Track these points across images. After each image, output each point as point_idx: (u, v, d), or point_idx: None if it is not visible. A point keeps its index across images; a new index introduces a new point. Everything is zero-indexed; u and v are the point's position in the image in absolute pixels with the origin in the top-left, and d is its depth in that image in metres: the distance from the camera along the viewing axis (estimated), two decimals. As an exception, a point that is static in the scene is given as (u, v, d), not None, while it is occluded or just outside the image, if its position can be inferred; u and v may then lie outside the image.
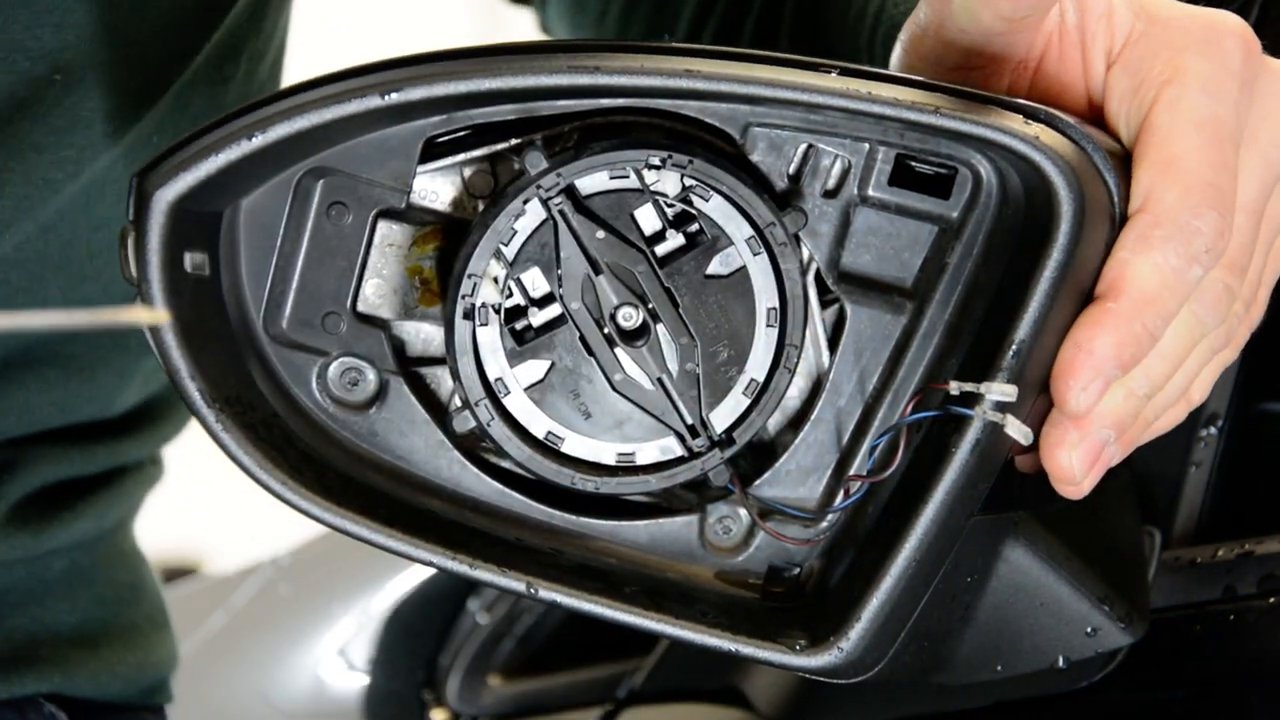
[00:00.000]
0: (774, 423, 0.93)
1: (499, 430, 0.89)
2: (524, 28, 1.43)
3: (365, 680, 1.69)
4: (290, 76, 0.87)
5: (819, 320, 0.91)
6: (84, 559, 1.18)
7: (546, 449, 0.90)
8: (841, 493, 0.91)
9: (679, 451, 0.90)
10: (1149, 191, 0.84)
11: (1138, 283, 0.83)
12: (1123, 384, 0.85)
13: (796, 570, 0.92)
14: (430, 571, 0.87)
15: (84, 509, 1.16)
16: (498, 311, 0.88)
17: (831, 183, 0.90)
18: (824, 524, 0.91)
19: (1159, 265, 0.83)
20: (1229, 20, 0.88)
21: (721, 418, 0.90)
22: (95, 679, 1.18)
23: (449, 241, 0.91)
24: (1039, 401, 0.86)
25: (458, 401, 0.90)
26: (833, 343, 0.91)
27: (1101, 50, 0.90)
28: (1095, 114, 0.90)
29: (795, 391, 0.92)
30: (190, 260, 0.86)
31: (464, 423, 0.91)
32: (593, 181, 0.88)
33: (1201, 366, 0.89)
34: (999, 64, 0.90)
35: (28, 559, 1.15)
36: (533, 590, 0.87)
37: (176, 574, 2.32)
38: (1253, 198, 0.86)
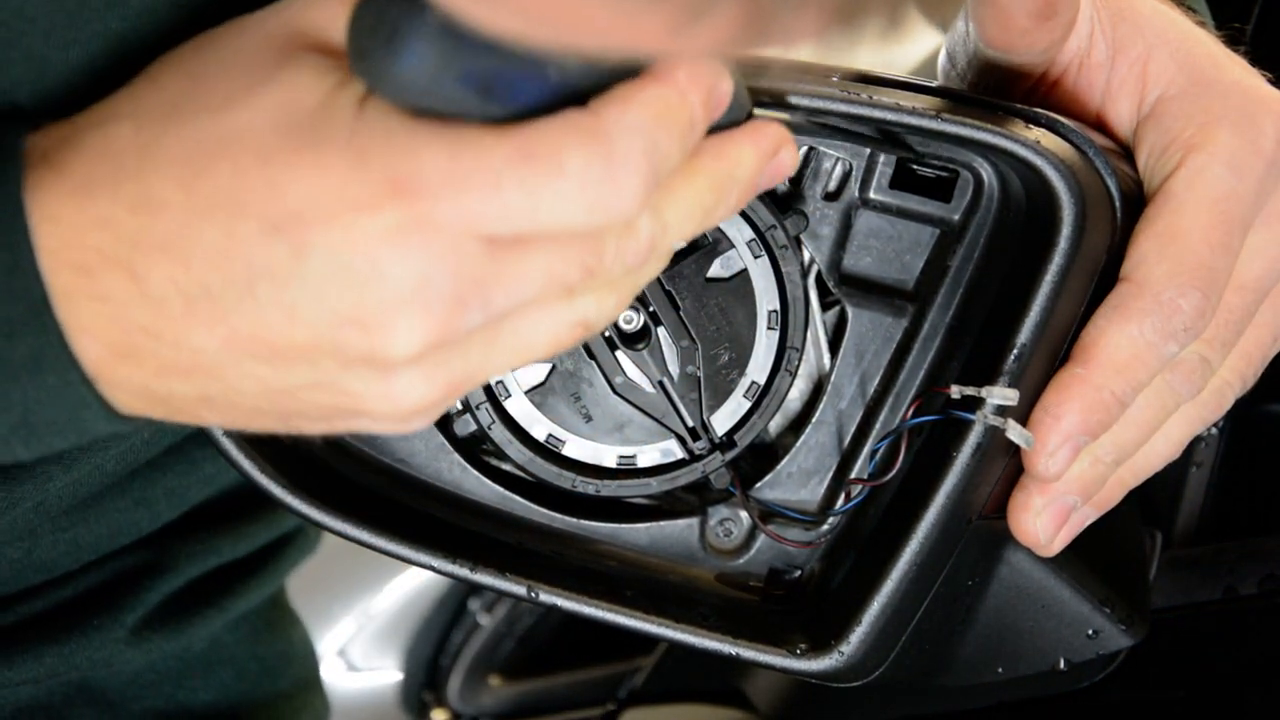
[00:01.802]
0: (775, 425, 0.93)
1: (500, 433, 0.89)
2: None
3: (365, 680, 1.70)
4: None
5: (820, 323, 0.91)
6: (228, 637, 1.11)
7: (547, 452, 0.90)
8: (843, 496, 0.91)
9: (680, 454, 0.90)
10: (1142, 260, 0.84)
11: (1109, 351, 0.83)
12: (1089, 450, 0.86)
13: (797, 573, 0.92)
14: (430, 572, 0.87)
15: (230, 603, 1.08)
16: (498, 315, 0.88)
17: (833, 185, 0.90)
18: (825, 527, 0.91)
19: (1133, 337, 0.83)
20: (1272, 98, 0.87)
21: (722, 420, 0.90)
22: None
23: (449, 244, 0.91)
24: (1009, 465, 0.86)
25: (458, 404, 0.90)
26: (834, 345, 0.91)
27: (1130, 96, 0.89)
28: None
29: (796, 394, 0.92)
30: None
31: (465, 426, 0.91)
32: (593, 184, 0.87)
33: (1185, 437, 0.89)
34: (1017, 80, 0.90)
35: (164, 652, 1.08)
36: (533, 594, 0.87)
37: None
38: (1257, 276, 0.87)
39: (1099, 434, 0.84)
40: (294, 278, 0.66)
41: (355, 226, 0.65)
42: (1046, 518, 0.86)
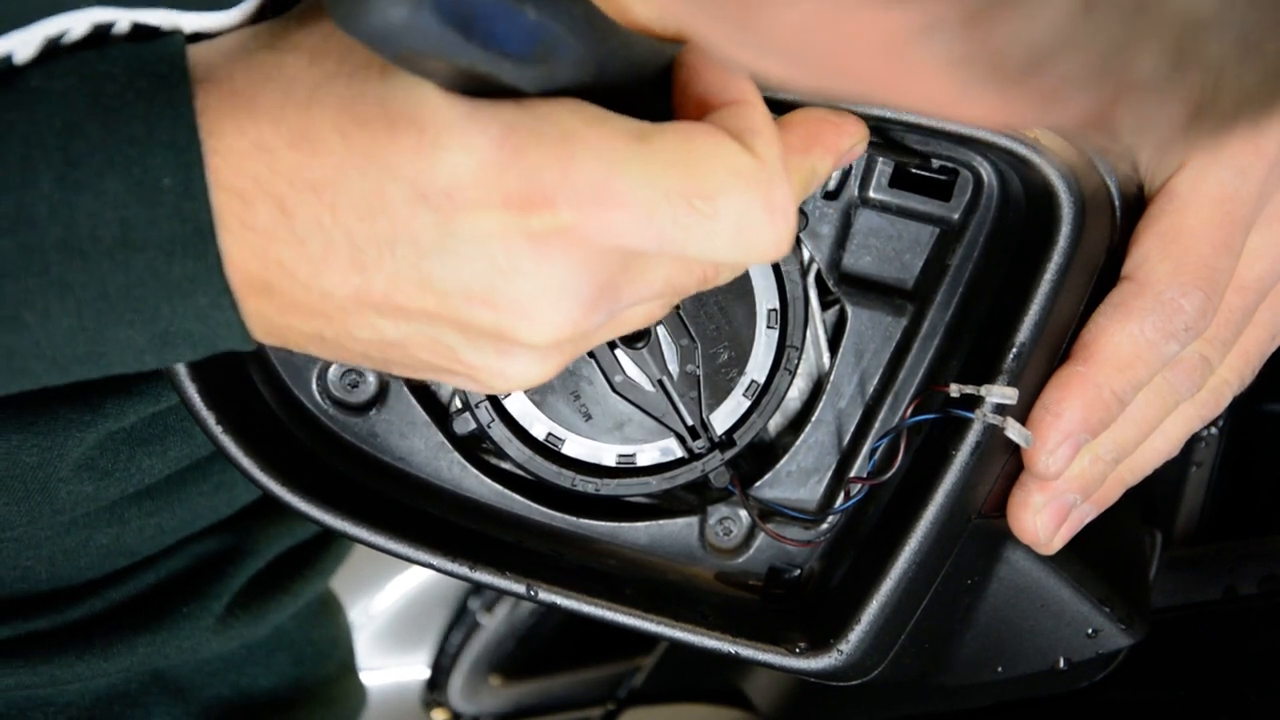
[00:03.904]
0: (775, 424, 0.93)
1: (499, 432, 0.89)
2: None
3: (364, 680, 1.69)
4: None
5: (820, 322, 0.91)
6: (289, 622, 1.13)
7: (547, 451, 0.90)
8: (842, 494, 0.91)
9: (679, 453, 0.90)
10: (1144, 259, 0.85)
11: (1110, 349, 0.84)
12: (1089, 448, 0.86)
13: (797, 572, 0.92)
14: (430, 571, 0.87)
15: (301, 587, 1.09)
16: (498, 313, 0.88)
17: (832, 184, 0.89)
18: (824, 526, 0.91)
19: (1134, 335, 0.84)
20: None
21: (722, 419, 0.90)
22: None
23: (449, 243, 0.91)
24: (1009, 463, 0.86)
25: (458, 403, 0.90)
26: (833, 344, 0.91)
27: None
28: None
29: (796, 393, 0.92)
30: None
31: (464, 425, 0.90)
32: (593, 183, 0.87)
33: (1184, 435, 0.90)
34: None
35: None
36: (533, 592, 0.87)
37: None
38: (1258, 276, 0.87)
39: (1099, 432, 0.85)
40: (435, 249, 0.67)
41: (502, 221, 0.66)
42: (1046, 515, 0.86)
